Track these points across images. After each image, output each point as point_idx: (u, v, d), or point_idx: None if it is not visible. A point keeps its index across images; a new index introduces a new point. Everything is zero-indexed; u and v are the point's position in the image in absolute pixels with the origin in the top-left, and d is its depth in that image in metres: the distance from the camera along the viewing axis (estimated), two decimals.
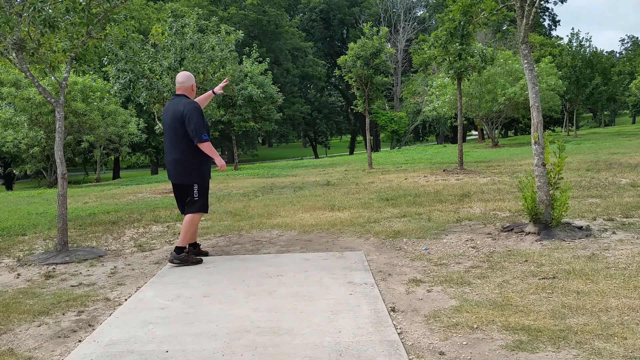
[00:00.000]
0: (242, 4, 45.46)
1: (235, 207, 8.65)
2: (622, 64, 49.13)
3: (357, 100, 15.57)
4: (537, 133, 5.65)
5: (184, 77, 5.09)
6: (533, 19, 5.77)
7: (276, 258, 5.13)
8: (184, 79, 5.08)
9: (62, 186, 5.75)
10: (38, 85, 5.76)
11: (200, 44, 12.32)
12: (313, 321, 3.41)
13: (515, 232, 5.65)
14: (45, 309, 3.89)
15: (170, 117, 4.96)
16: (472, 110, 25.59)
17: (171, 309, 3.77)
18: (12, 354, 3.13)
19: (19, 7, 5.62)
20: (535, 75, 5.79)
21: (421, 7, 58.08)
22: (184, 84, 5.07)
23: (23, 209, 10.37)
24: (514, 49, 32.74)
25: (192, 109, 4.90)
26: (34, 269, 5.16)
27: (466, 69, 12.24)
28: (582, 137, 29.32)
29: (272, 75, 23.60)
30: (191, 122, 4.84)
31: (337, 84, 57.39)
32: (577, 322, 3.18)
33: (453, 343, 3.02)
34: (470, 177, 11.43)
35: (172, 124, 4.94)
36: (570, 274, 4.09)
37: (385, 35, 15.15)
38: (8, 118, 19.81)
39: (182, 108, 4.90)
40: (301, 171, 17.20)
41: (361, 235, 5.97)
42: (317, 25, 55.59)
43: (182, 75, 5.10)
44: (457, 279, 4.16)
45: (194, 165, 4.98)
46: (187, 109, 4.88)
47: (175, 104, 4.98)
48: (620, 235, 5.30)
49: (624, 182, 8.99)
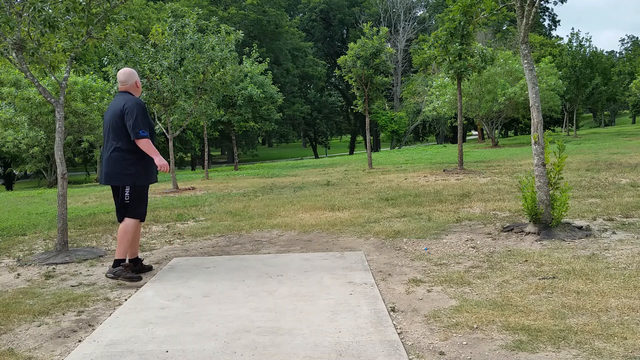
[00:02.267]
0: (242, 4, 45.44)
1: (235, 207, 8.65)
2: (622, 64, 49.12)
3: (357, 100, 15.57)
4: (537, 133, 5.65)
5: (125, 75, 4.71)
6: (533, 19, 5.76)
7: (276, 258, 5.13)
8: (125, 77, 4.70)
9: (62, 186, 5.75)
10: (38, 85, 5.76)
11: (200, 44, 12.32)
12: (313, 321, 3.41)
13: (515, 232, 5.65)
14: (45, 309, 3.89)
15: (111, 114, 4.61)
16: (472, 110, 25.59)
17: (171, 309, 3.77)
18: (12, 354, 3.12)
19: (19, 7, 5.62)
20: (535, 75, 5.79)
21: (421, 7, 58.13)
22: (127, 82, 4.70)
23: (23, 209, 10.37)
24: (514, 49, 32.76)
25: (133, 104, 4.54)
26: (34, 269, 5.16)
27: (466, 69, 12.24)
28: (582, 137, 29.32)
29: (272, 75, 23.60)
30: (130, 117, 4.48)
31: (337, 84, 57.39)
32: (577, 322, 3.18)
33: (453, 343, 3.02)
34: (470, 177, 11.43)
35: (111, 120, 4.58)
36: (570, 274, 4.09)
37: (385, 35, 15.16)
38: (8, 118, 19.81)
39: (123, 103, 4.55)
40: (301, 171, 17.20)
41: (361, 235, 5.97)
42: (317, 25, 55.58)
43: (123, 74, 4.72)
44: (457, 279, 4.16)
45: (126, 164, 4.52)
46: (128, 105, 4.54)
47: (117, 101, 4.64)
48: (620, 235, 5.29)
49: (624, 182, 8.99)
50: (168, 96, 12.21)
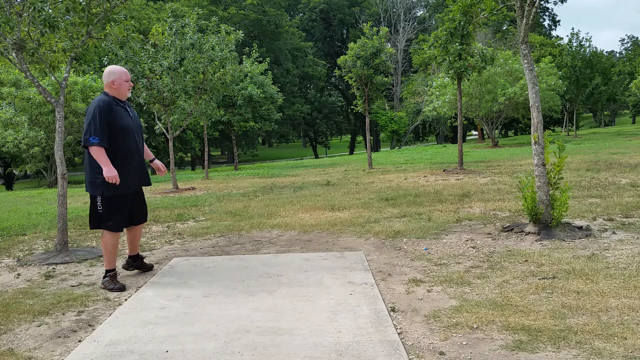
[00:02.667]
0: (242, 4, 45.45)
1: (235, 207, 8.65)
2: (622, 64, 49.11)
3: (357, 100, 15.57)
4: (537, 133, 5.65)
5: (105, 74, 4.41)
6: (533, 19, 5.76)
7: (276, 258, 5.13)
8: (104, 76, 4.40)
9: (62, 186, 5.75)
10: (38, 85, 5.76)
11: (200, 44, 12.33)
12: (313, 321, 3.41)
13: (515, 232, 5.65)
14: (45, 309, 3.89)
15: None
16: (472, 110, 25.59)
17: (171, 309, 3.77)
18: (12, 354, 3.12)
19: (19, 7, 5.62)
20: (535, 75, 5.79)
21: (421, 7, 58.13)
22: (104, 81, 4.40)
23: (23, 209, 10.37)
24: (514, 49, 32.76)
25: (92, 107, 4.22)
26: (34, 269, 5.15)
27: (466, 69, 12.25)
28: (582, 137, 29.32)
29: (272, 75, 23.60)
30: (85, 121, 4.22)
31: (337, 84, 57.39)
32: (577, 322, 3.18)
33: (453, 343, 3.02)
34: (470, 177, 11.43)
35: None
36: (570, 274, 4.09)
37: (385, 35, 15.16)
38: (8, 118, 19.82)
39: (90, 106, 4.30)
40: (301, 171, 17.20)
41: (361, 235, 5.97)
42: (317, 25, 55.58)
43: (105, 72, 4.43)
44: (457, 279, 4.16)
45: (95, 172, 4.24)
46: (88, 108, 4.27)
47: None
48: (620, 235, 5.29)
49: (624, 182, 8.99)
50: (168, 96, 12.21)
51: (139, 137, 4.51)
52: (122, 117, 4.36)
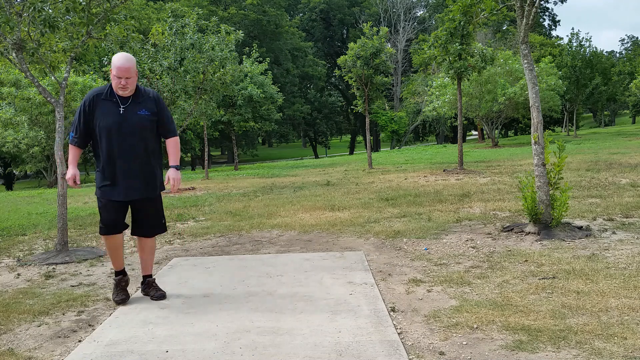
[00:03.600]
0: (242, 4, 45.44)
1: (235, 207, 8.65)
2: (622, 64, 49.10)
3: (357, 100, 15.58)
4: (537, 133, 5.65)
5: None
6: (533, 19, 5.76)
7: (276, 258, 5.13)
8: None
9: (62, 186, 5.75)
10: (38, 85, 5.76)
11: (200, 44, 12.32)
12: (313, 321, 3.40)
13: (515, 232, 5.65)
14: (45, 309, 3.89)
15: None
16: (472, 110, 25.59)
17: (171, 309, 3.77)
18: (12, 354, 3.12)
19: (19, 7, 5.62)
20: (535, 75, 5.79)
21: (421, 7, 58.12)
22: None
23: (23, 209, 10.37)
24: (514, 49, 32.75)
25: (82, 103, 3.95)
26: (34, 269, 5.15)
27: (466, 69, 12.25)
28: (582, 137, 29.32)
29: (272, 75, 23.60)
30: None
31: (337, 84, 57.37)
32: (577, 322, 3.18)
33: (453, 343, 3.02)
34: (470, 177, 11.43)
35: None
36: (570, 274, 4.09)
37: (385, 35, 15.16)
38: (8, 118, 19.82)
39: None
40: (301, 171, 17.20)
41: (361, 235, 5.97)
42: (317, 25, 55.57)
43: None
44: (457, 279, 4.16)
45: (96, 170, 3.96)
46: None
47: None
48: (620, 235, 5.29)
49: (624, 182, 8.99)
50: (168, 96, 12.20)
51: (134, 139, 3.82)
52: (106, 115, 3.79)
